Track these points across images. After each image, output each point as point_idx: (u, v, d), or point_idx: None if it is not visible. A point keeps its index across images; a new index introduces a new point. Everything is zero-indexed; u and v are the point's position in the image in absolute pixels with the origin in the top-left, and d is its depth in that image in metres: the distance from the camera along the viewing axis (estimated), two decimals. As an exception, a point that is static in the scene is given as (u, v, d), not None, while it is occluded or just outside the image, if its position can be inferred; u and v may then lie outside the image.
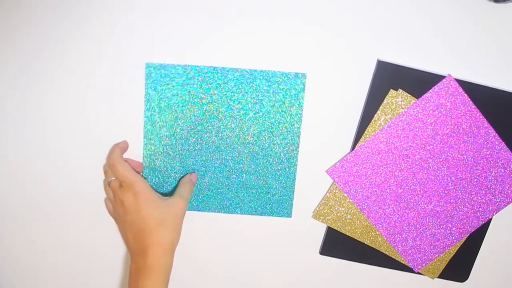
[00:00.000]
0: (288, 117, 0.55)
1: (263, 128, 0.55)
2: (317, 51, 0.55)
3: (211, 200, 0.57)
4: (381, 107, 0.55)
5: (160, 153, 0.55)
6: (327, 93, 0.56)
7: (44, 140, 0.55)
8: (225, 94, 0.54)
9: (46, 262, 0.58)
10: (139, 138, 0.55)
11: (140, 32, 0.53)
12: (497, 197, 0.59)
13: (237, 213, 0.58)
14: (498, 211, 0.60)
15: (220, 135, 0.55)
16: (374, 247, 0.60)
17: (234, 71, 0.53)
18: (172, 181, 0.56)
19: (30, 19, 0.52)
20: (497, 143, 0.57)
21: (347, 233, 0.59)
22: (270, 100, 0.54)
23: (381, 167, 0.57)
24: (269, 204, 0.57)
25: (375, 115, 0.56)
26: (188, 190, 0.53)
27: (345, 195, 0.57)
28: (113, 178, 0.52)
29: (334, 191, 0.58)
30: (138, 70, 0.54)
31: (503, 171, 0.58)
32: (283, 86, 0.54)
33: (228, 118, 0.54)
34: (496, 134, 0.57)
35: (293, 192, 0.57)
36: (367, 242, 0.59)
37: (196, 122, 0.54)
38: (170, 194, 0.56)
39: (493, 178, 0.58)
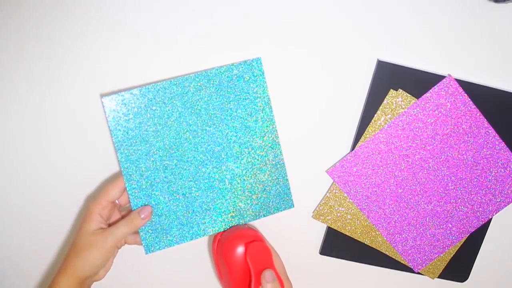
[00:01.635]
0: (257, 105, 0.53)
1: (238, 125, 0.53)
2: (317, 51, 0.55)
3: (212, 219, 0.54)
4: (381, 107, 0.55)
5: (144, 187, 0.52)
6: (327, 93, 0.56)
7: (45, 141, 0.55)
8: (191, 104, 0.52)
9: (46, 262, 0.58)
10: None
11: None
12: (497, 197, 0.59)
13: (242, 223, 0.55)
14: (498, 211, 0.60)
15: (199, 148, 0.53)
16: (374, 247, 0.60)
17: (192, 77, 0.51)
18: (166, 213, 0.53)
19: (29, 20, 0.52)
20: (497, 143, 0.57)
21: (347, 233, 0.59)
22: (234, 94, 0.52)
23: (381, 167, 0.57)
24: (269, 201, 0.56)
25: (375, 115, 0.56)
26: (124, 230, 0.49)
27: (345, 195, 0.57)
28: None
29: (334, 191, 0.58)
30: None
31: (503, 171, 0.58)
32: (242, 76, 0.52)
33: (202, 127, 0.52)
34: (496, 134, 0.57)
35: (287, 180, 0.56)
36: (367, 242, 0.59)
37: (172, 143, 0.52)
38: (166, 225, 0.53)
39: (493, 178, 0.58)
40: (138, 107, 0.50)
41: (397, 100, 0.55)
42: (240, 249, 0.51)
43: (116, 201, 0.52)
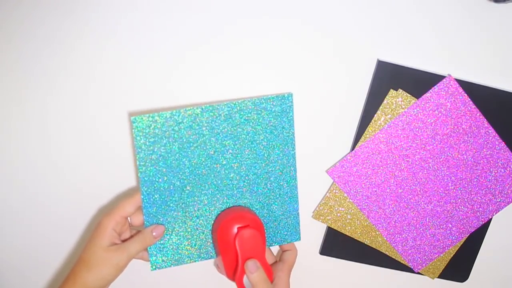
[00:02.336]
0: (281, 140, 0.53)
1: (259, 156, 0.53)
2: (317, 51, 0.55)
3: None
4: (381, 107, 0.55)
5: (159, 206, 0.52)
6: (327, 93, 0.56)
7: (45, 141, 0.55)
8: (217, 131, 0.51)
9: (46, 262, 0.58)
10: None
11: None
12: (497, 197, 0.59)
13: None
14: (498, 211, 0.60)
15: (218, 175, 0.53)
16: (374, 247, 0.60)
17: (223, 106, 0.51)
18: (177, 232, 0.53)
19: (29, 20, 0.52)
20: (497, 143, 0.57)
21: (347, 233, 0.59)
22: (261, 127, 0.52)
23: (381, 167, 0.57)
24: (278, 232, 0.56)
25: (375, 115, 0.56)
26: (137, 247, 0.50)
27: (345, 195, 0.57)
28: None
29: (334, 191, 0.58)
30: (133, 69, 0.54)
31: (503, 171, 0.58)
32: (271, 110, 0.52)
33: (224, 155, 0.52)
34: (496, 134, 0.57)
35: (298, 214, 0.56)
36: (367, 242, 0.59)
37: (193, 167, 0.52)
38: (175, 244, 0.54)
39: (493, 178, 0.58)
40: (166, 129, 0.50)
41: (397, 100, 0.55)
42: (234, 232, 0.50)
43: (128, 219, 0.52)
